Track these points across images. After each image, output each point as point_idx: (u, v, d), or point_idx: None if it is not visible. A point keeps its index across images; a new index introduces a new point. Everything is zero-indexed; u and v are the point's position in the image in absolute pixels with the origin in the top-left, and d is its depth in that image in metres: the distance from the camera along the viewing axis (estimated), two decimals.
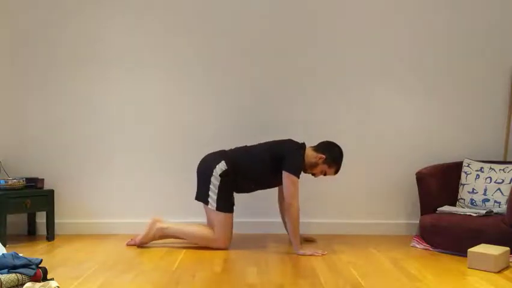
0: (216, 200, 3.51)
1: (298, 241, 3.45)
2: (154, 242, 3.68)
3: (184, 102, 4.15)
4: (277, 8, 4.14)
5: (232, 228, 3.59)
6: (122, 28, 4.13)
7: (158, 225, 3.62)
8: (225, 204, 3.54)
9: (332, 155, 3.59)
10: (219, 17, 4.14)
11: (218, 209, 3.51)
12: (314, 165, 3.58)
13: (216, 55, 4.14)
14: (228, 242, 3.56)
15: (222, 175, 3.50)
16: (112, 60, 4.13)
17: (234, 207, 3.65)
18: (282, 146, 3.57)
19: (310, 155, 3.58)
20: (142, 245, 3.63)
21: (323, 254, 3.41)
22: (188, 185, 3.83)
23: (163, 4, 4.13)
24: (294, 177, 3.44)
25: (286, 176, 3.45)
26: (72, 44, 4.12)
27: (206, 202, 3.55)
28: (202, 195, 3.58)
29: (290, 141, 3.62)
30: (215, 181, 3.51)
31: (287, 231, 3.86)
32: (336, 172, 3.65)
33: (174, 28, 4.13)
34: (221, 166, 3.51)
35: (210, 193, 3.53)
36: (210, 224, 3.66)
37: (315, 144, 3.67)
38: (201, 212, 3.71)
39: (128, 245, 3.66)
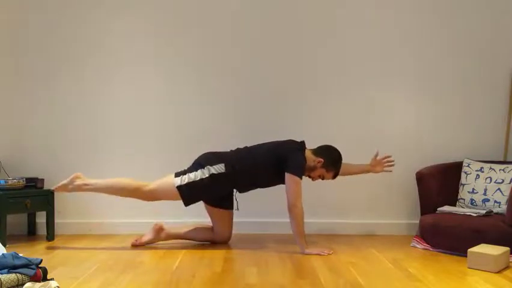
0: (187, 183, 3.46)
1: (303, 241, 3.44)
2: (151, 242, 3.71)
3: (184, 103, 4.15)
4: (278, 8, 4.14)
5: (170, 198, 3.54)
6: (122, 29, 4.13)
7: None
8: (188, 194, 3.48)
9: (330, 159, 3.58)
10: (219, 18, 4.14)
11: (179, 188, 3.45)
12: (312, 168, 3.57)
13: (216, 56, 4.14)
14: (150, 199, 3.53)
15: (213, 175, 3.46)
16: (113, 61, 4.13)
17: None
18: (283, 147, 3.55)
19: (309, 158, 3.56)
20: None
21: (329, 254, 3.41)
22: None
23: (164, 5, 4.13)
24: (296, 178, 3.43)
25: (289, 177, 3.44)
26: (72, 45, 4.12)
27: (176, 175, 3.50)
28: (179, 172, 3.54)
29: (291, 141, 3.62)
30: (201, 173, 3.46)
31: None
32: (334, 177, 3.65)
33: (175, 29, 4.13)
34: (218, 168, 3.48)
35: (188, 174, 3.48)
36: (212, 221, 3.72)
37: (315, 147, 3.66)
38: (200, 212, 3.72)
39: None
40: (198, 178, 3.46)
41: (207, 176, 3.46)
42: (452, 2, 4.14)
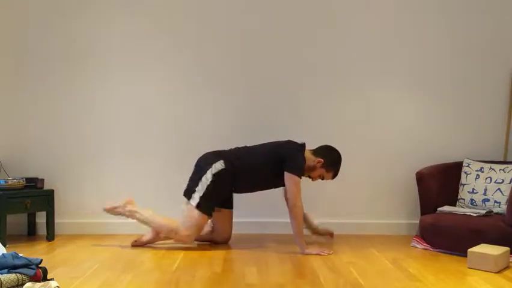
0: (199, 197, 3.46)
1: (303, 241, 3.44)
2: (151, 242, 3.72)
3: (184, 103, 4.15)
4: (277, 7, 4.14)
5: (204, 224, 3.56)
6: (122, 29, 4.13)
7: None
8: (207, 205, 3.49)
9: (330, 160, 3.58)
10: (218, 18, 4.14)
11: (198, 207, 3.45)
12: (312, 168, 3.58)
13: (215, 56, 4.14)
14: (193, 239, 3.55)
15: (215, 175, 3.47)
16: (112, 61, 4.13)
17: (234, 209, 3.67)
18: (282, 147, 3.56)
19: (308, 158, 3.57)
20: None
21: (329, 254, 3.41)
22: None
23: (164, 5, 4.13)
24: (296, 178, 3.44)
25: (288, 177, 3.44)
26: (72, 45, 4.12)
27: (189, 197, 3.50)
28: (188, 191, 3.53)
29: (290, 142, 3.62)
30: (205, 180, 3.47)
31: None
32: (333, 177, 3.65)
33: (174, 29, 4.13)
34: (218, 166, 3.48)
35: (196, 189, 3.48)
36: (212, 221, 3.71)
37: (315, 147, 3.66)
38: None
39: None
40: (205, 188, 3.47)
41: (210, 180, 3.47)
42: (452, 2, 4.14)
